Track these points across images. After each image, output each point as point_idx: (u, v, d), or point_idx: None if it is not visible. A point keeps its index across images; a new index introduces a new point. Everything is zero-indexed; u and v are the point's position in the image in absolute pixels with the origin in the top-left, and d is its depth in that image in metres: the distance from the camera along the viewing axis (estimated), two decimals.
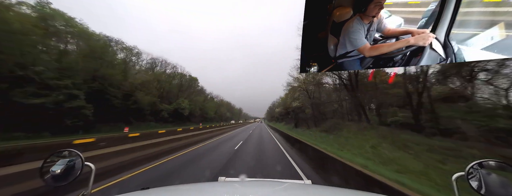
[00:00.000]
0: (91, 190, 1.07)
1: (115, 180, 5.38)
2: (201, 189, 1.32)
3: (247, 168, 6.72)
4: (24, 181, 4.31)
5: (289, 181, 1.62)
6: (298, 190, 1.28)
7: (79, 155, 1.10)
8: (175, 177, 5.70)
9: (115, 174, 5.87)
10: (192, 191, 1.26)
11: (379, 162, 6.99)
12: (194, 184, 1.58)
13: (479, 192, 0.88)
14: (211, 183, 1.62)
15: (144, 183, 5.16)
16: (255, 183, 1.52)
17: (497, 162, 0.92)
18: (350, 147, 9.97)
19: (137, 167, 6.72)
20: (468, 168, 0.95)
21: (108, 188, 4.79)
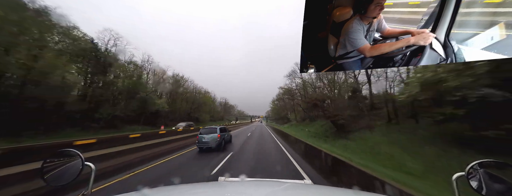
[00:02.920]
0: (91, 190, 1.07)
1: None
2: (201, 189, 1.32)
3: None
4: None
5: (289, 181, 1.62)
6: (298, 190, 1.28)
7: (79, 155, 1.10)
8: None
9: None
10: (192, 191, 1.26)
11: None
12: (194, 184, 1.58)
13: (480, 192, 0.88)
14: (211, 183, 1.62)
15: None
16: (255, 183, 1.52)
17: (497, 162, 0.92)
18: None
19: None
20: (468, 168, 0.94)
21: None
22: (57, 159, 1.08)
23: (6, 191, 4.08)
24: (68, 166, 1.07)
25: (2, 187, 4.07)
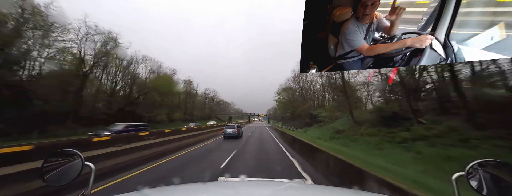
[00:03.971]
0: (91, 190, 1.07)
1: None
2: (201, 189, 1.32)
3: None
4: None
5: (289, 181, 1.62)
6: (298, 190, 1.28)
7: (79, 155, 1.09)
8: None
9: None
10: (192, 191, 1.26)
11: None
12: (194, 184, 1.58)
13: (480, 192, 0.88)
14: (211, 183, 1.62)
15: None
16: (255, 183, 1.52)
17: (498, 161, 0.92)
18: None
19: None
20: (468, 168, 0.94)
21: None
22: (57, 159, 1.08)
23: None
24: (68, 166, 1.07)
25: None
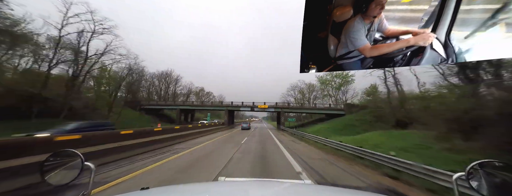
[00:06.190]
0: (91, 190, 1.07)
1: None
2: (201, 189, 1.32)
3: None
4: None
5: (290, 181, 1.62)
6: (298, 191, 1.28)
7: (79, 155, 1.10)
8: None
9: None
10: (192, 191, 1.26)
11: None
12: (194, 184, 1.58)
13: (480, 193, 0.88)
14: (211, 183, 1.63)
15: None
16: (255, 183, 1.52)
17: (498, 162, 0.92)
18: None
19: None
20: (468, 168, 0.94)
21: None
22: (57, 159, 1.08)
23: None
24: (68, 166, 1.07)
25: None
